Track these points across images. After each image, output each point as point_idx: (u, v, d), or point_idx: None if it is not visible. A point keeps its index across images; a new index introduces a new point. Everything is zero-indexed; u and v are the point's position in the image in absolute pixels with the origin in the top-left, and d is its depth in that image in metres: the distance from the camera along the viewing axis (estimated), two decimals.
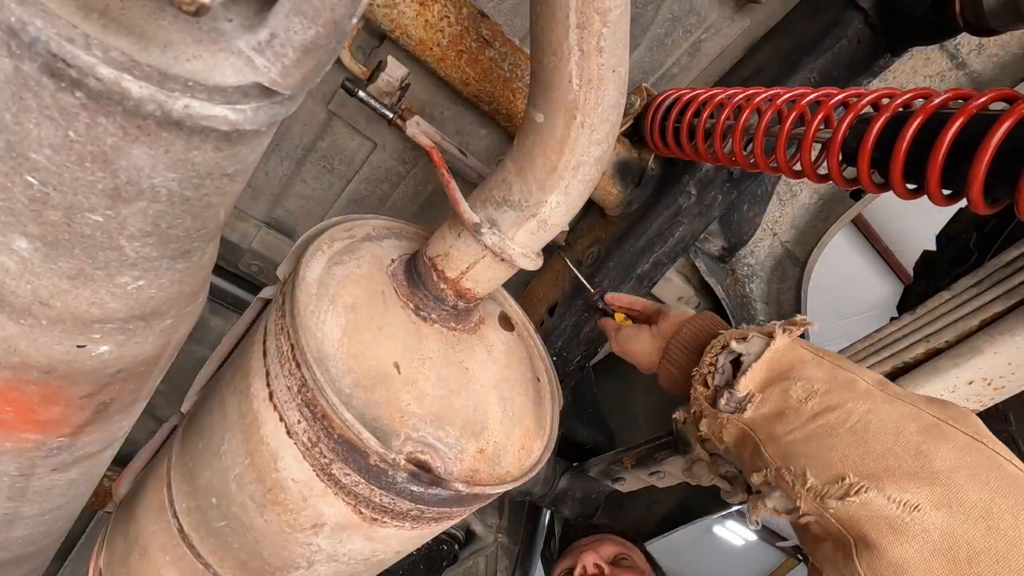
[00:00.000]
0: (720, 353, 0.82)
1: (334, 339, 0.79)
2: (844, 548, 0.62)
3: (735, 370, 0.79)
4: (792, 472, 0.67)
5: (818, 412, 0.69)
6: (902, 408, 0.67)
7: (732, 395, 0.77)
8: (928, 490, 0.58)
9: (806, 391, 0.71)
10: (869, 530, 0.60)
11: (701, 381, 0.83)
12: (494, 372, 0.92)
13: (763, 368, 0.76)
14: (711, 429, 0.82)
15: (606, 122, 0.73)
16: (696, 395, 0.84)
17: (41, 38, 0.34)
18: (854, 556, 0.60)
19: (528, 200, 0.78)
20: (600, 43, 0.65)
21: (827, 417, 0.68)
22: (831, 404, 0.69)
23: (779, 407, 0.72)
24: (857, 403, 0.68)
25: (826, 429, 0.67)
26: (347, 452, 0.73)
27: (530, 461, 0.91)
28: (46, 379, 0.57)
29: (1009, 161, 0.63)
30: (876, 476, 0.61)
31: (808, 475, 0.66)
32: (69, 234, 0.45)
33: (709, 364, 0.83)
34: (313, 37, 0.40)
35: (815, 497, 0.65)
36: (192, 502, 0.92)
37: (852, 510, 0.61)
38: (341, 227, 0.93)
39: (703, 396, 0.82)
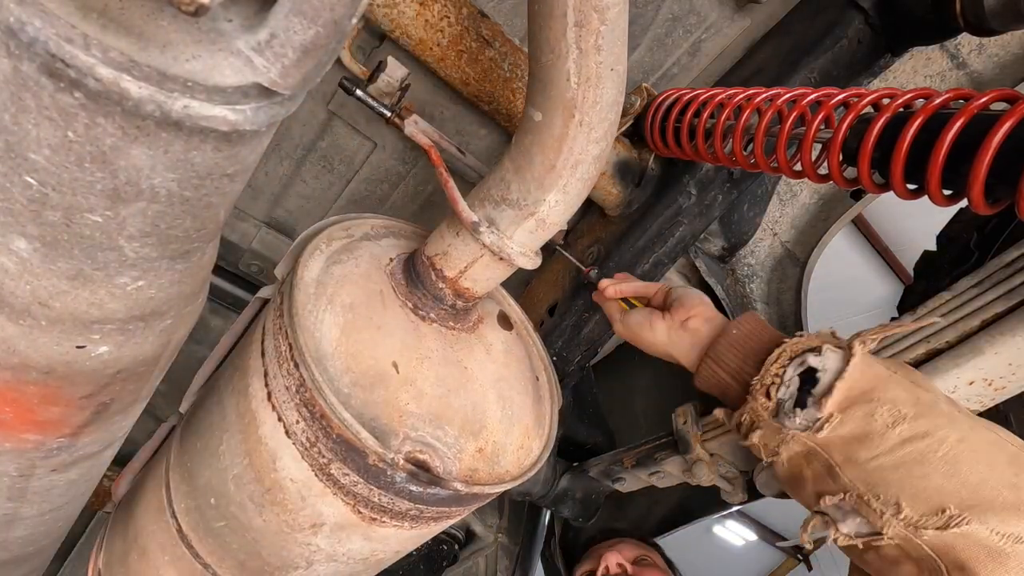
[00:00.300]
0: (788, 364, 0.78)
1: (332, 338, 0.79)
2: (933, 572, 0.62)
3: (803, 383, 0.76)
4: (881, 500, 0.66)
5: (907, 439, 0.67)
6: (987, 435, 0.67)
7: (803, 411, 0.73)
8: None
9: (892, 416, 0.68)
10: (968, 558, 0.60)
11: (763, 392, 0.79)
12: (493, 371, 0.92)
13: (844, 389, 0.72)
14: (766, 441, 0.79)
15: (604, 120, 0.73)
16: (756, 406, 0.79)
17: (40, 38, 0.34)
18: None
19: (526, 199, 0.78)
20: (598, 41, 0.65)
21: (917, 445, 0.66)
22: (920, 431, 0.67)
23: (862, 430, 0.69)
24: (947, 431, 0.66)
25: (917, 457, 0.66)
26: (346, 452, 0.73)
27: (529, 460, 0.91)
28: (45, 380, 0.57)
29: (1010, 161, 0.63)
30: (977, 508, 0.61)
31: (903, 504, 0.65)
32: (68, 235, 0.45)
33: (775, 375, 0.78)
34: (313, 37, 0.40)
35: (908, 526, 0.64)
36: (191, 502, 0.92)
37: (950, 539, 0.61)
38: (339, 226, 0.93)
39: (763, 408, 0.78)
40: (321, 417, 0.73)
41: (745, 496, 1.16)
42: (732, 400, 0.86)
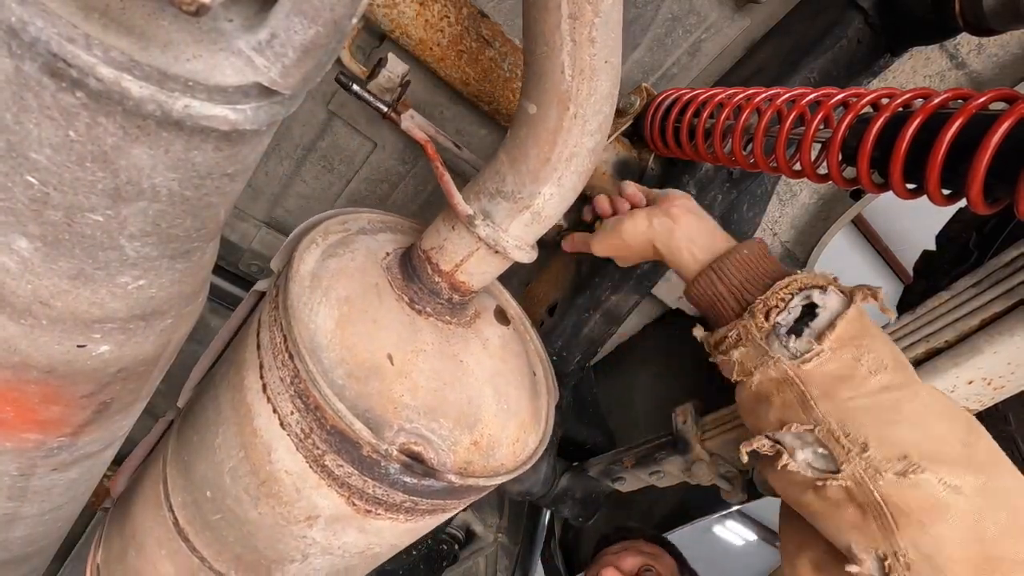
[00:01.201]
0: (797, 294, 0.79)
1: (327, 331, 0.79)
2: (881, 520, 0.65)
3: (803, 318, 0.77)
4: (850, 437, 0.69)
5: (885, 386, 0.70)
6: (949, 400, 0.72)
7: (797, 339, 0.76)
8: (972, 477, 0.64)
9: (876, 364, 0.72)
10: (915, 507, 0.64)
11: (763, 311, 0.79)
12: (489, 366, 0.92)
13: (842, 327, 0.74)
14: (744, 360, 0.80)
15: (599, 113, 0.73)
16: (750, 324, 0.80)
17: (42, 38, 0.34)
18: (895, 529, 0.64)
19: (522, 192, 0.78)
20: (592, 33, 0.65)
21: (893, 393, 0.70)
22: (898, 382, 0.71)
23: (846, 371, 0.72)
24: (921, 386, 0.71)
25: (892, 405, 0.69)
26: (340, 443, 0.73)
27: (525, 454, 0.91)
28: (46, 379, 0.57)
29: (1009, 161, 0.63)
30: (935, 459, 0.65)
31: (870, 445, 0.67)
32: (69, 234, 0.45)
33: (780, 299, 0.79)
34: (313, 37, 0.40)
35: (868, 467, 0.67)
36: (187, 496, 0.92)
37: (903, 487, 0.65)
38: (336, 220, 0.93)
39: (758, 327, 0.79)
40: (315, 408, 0.73)
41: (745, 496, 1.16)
42: (719, 316, 0.86)
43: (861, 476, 0.67)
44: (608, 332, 1.37)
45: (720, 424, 1.14)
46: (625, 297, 1.31)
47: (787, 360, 0.76)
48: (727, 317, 0.85)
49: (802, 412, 0.73)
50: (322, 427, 0.73)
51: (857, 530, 0.68)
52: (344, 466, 0.75)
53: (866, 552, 0.66)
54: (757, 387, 0.79)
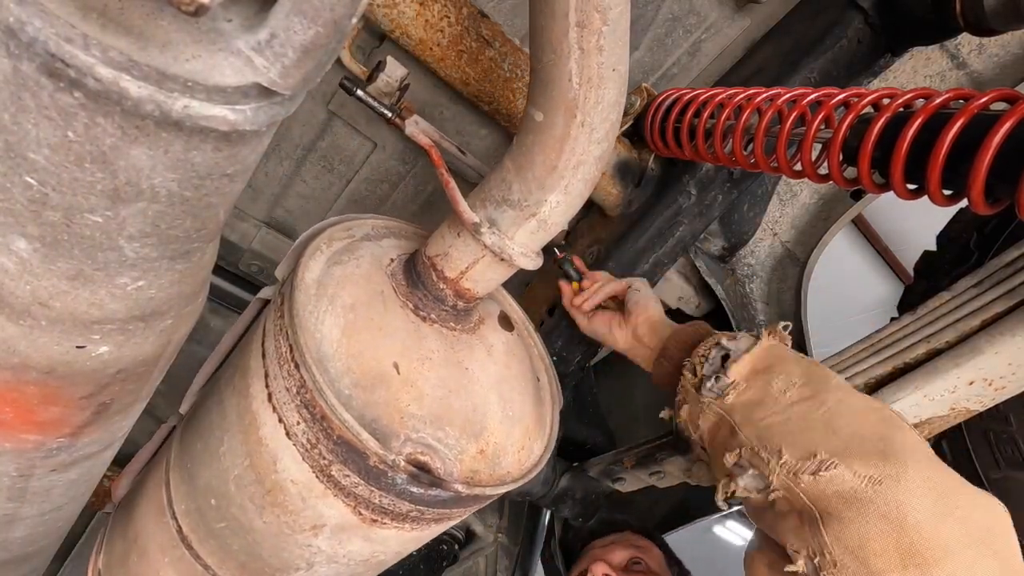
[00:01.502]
0: (713, 348, 0.90)
1: (333, 339, 0.79)
2: (811, 521, 0.68)
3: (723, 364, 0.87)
4: (768, 450, 0.74)
5: (795, 401, 0.77)
6: (868, 400, 0.76)
7: (718, 381, 0.85)
8: (889, 466, 0.65)
9: (785, 384, 0.79)
10: (836, 503, 0.66)
11: (691, 369, 0.91)
12: (494, 372, 0.92)
13: (750, 361, 0.84)
14: (691, 415, 0.90)
15: (606, 121, 0.73)
16: (684, 383, 0.91)
17: (40, 38, 0.34)
18: (821, 527, 0.66)
19: (528, 199, 0.78)
20: (600, 41, 0.65)
21: (803, 405, 0.76)
22: (807, 394, 0.77)
23: (760, 396, 0.80)
24: (829, 393, 0.76)
25: (801, 414, 0.75)
26: (346, 453, 0.73)
27: (530, 461, 0.91)
28: (45, 380, 0.57)
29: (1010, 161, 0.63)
30: (845, 453, 0.68)
31: (783, 452, 0.72)
32: (68, 235, 0.45)
33: (701, 356, 0.90)
34: (313, 37, 0.40)
35: (788, 472, 0.71)
36: (191, 503, 0.92)
37: (822, 485, 0.67)
38: (340, 227, 0.93)
39: (690, 383, 0.90)
40: (322, 418, 0.73)
41: None
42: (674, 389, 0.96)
43: (784, 482, 0.71)
44: None
45: None
46: None
47: (714, 400, 0.85)
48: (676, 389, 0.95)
49: (732, 441, 0.81)
50: (329, 437, 0.73)
51: (794, 533, 0.70)
52: (351, 476, 0.74)
53: (798, 552, 0.69)
54: (707, 437, 0.87)
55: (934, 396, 0.96)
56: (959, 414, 0.98)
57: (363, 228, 0.96)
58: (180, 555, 0.95)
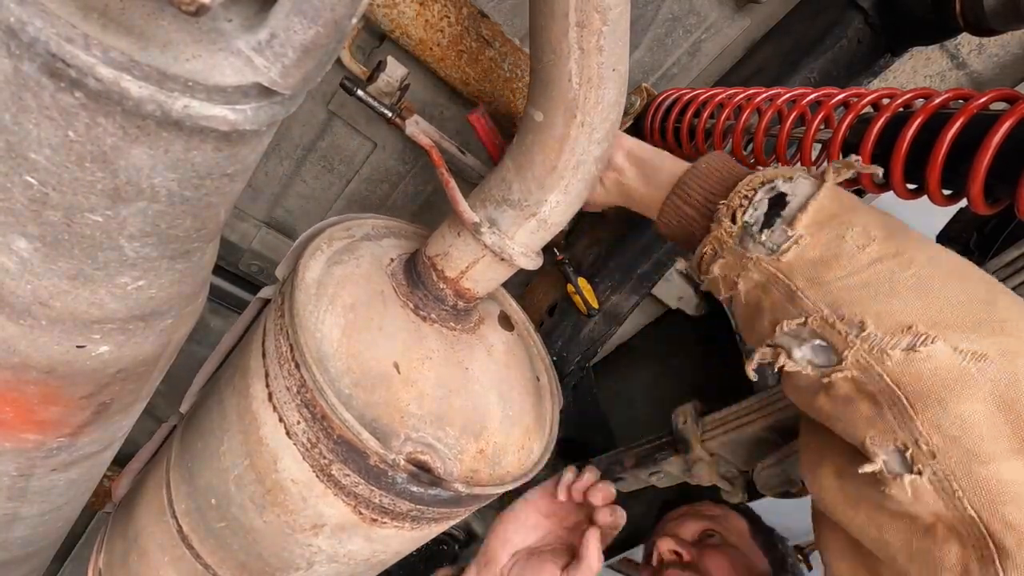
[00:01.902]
0: (758, 188, 0.72)
1: (333, 339, 0.79)
2: (896, 407, 0.56)
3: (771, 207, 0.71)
4: (846, 320, 0.60)
5: (876, 259, 0.62)
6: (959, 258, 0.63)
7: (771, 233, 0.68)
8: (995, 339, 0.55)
9: (863, 237, 0.63)
10: (932, 384, 0.55)
11: (729, 215, 0.72)
12: (494, 372, 0.92)
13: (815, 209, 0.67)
14: (726, 272, 0.73)
15: (606, 121, 0.73)
16: (720, 232, 0.73)
17: (40, 38, 0.34)
18: (912, 413, 0.55)
19: (528, 199, 0.78)
20: (600, 42, 0.65)
21: (887, 264, 0.61)
22: (891, 251, 0.62)
23: (831, 251, 0.64)
24: (917, 249, 0.62)
25: (887, 276, 0.60)
26: (347, 453, 0.73)
27: (530, 461, 0.91)
28: (46, 379, 0.57)
29: (1009, 161, 0.63)
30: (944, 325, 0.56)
31: (867, 322, 0.59)
32: (69, 234, 0.45)
33: (743, 197, 0.72)
34: (313, 37, 0.40)
35: (872, 348, 0.58)
36: (191, 503, 0.92)
37: (915, 364, 0.56)
38: (340, 227, 0.93)
39: (728, 233, 0.72)
40: (322, 418, 0.73)
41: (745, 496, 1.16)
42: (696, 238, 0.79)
43: (866, 360, 0.58)
44: (608, 332, 1.37)
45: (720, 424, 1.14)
46: (625, 297, 1.31)
47: (766, 257, 0.68)
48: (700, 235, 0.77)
49: (791, 307, 0.65)
50: (329, 437, 0.73)
51: (871, 424, 0.58)
52: (351, 476, 0.74)
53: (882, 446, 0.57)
54: (746, 298, 0.71)
55: None
56: None
57: (363, 228, 0.96)
58: (180, 554, 0.95)
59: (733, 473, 1.15)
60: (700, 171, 0.79)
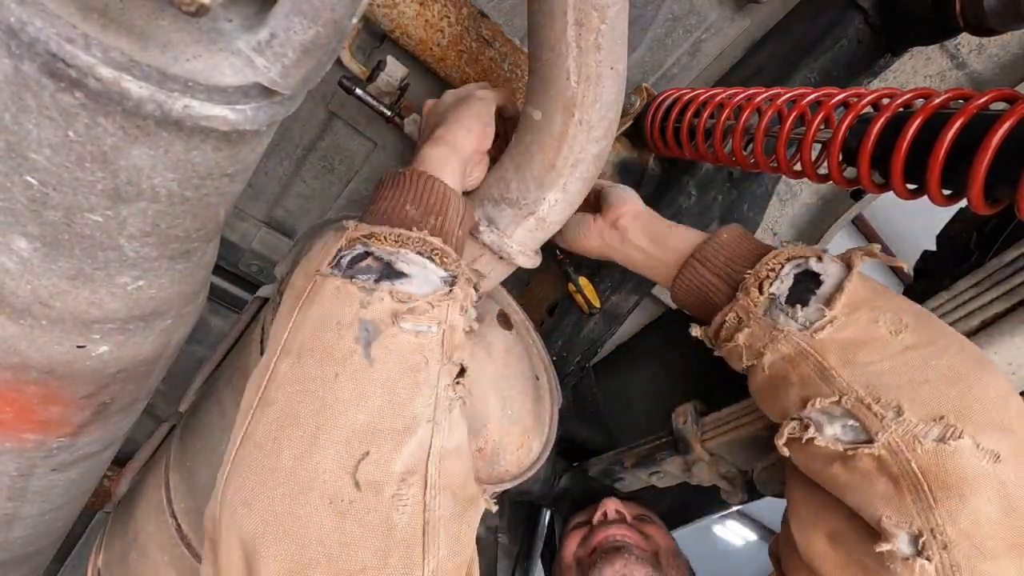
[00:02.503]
0: (785, 263, 0.75)
1: None
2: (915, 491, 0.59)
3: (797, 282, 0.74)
4: (882, 403, 0.63)
5: (909, 346, 0.65)
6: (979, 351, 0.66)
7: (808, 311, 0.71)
8: (1009, 439, 0.58)
9: (895, 323, 0.67)
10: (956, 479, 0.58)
11: (756, 284, 0.75)
12: (493, 371, 0.92)
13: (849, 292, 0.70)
14: (752, 341, 0.75)
15: (604, 119, 0.73)
16: (747, 301, 0.75)
17: (41, 38, 0.34)
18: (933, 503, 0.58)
19: (526, 198, 0.78)
20: (598, 40, 0.65)
21: (920, 351, 0.64)
22: (924, 339, 0.65)
23: (865, 335, 0.67)
24: (949, 340, 0.65)
25: (920, 364, 0.64)
26: None
27: (529, 460, 0.91)
28: (46, 379, 0.57)
29: (1009, 161, 0.63)
30: (971, 419, 0.59)
31: (904, 407, 0.61)
32: (69, 234, 0.45)
33: (770, 269, 0.75)
34: (313, 37, 0.40)
35: (905, 434, 0.61)
36: (191, 502, 0.92)
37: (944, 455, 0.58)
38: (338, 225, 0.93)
39: (755, 302, 0.74)
40: None
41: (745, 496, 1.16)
42: (711, 306, 0.82)
43: (897, 444, 0.61)
44: (608, 332, 1.37)
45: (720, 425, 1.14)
46: (625, 297, 1.31)
47: (797, 332, 0.70)
48: (720, 303, 0.80)
49: (824, 384, 0.67)
50: None
51: (890, 504, 0.61)
52: None
53: (899, 528, 0.59)
54: (770, 368, 0.73)
55: None
56: None
57: None
58: (180, 554, 0.95)
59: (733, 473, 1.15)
60: (722, 240, 0.83)
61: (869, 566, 0.62)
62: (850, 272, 0.71)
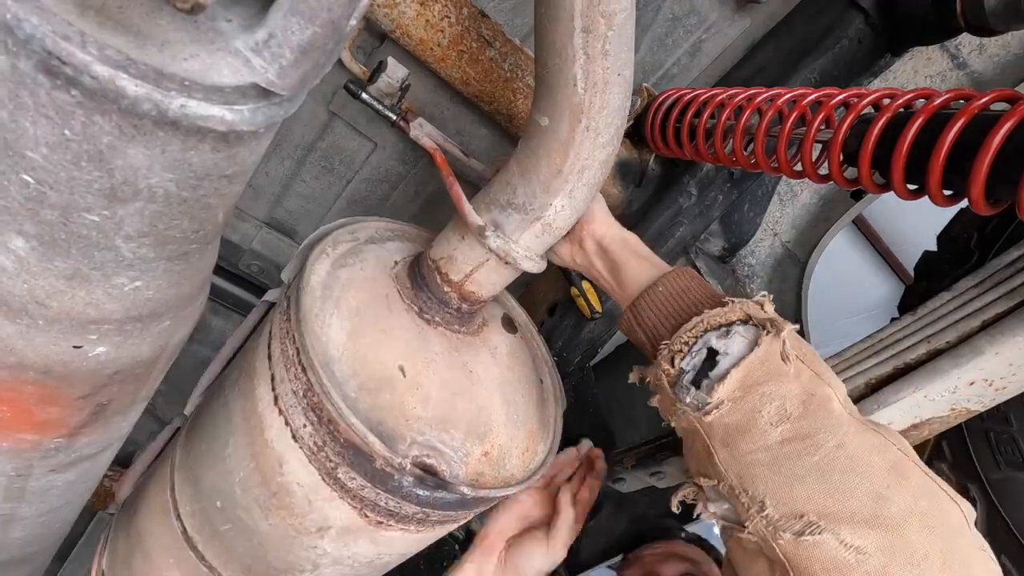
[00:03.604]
0: (700, 338, 0.74)
1: (339, 342, 0.78)
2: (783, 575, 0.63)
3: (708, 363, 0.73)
4: (749, 495, 0.66)
5: (787, 439, 0.66)
6: (872, 439, 0.66)
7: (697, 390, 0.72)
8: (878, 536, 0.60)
9: (779, 414, 0.67)
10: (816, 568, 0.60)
11: (668, 359, 0.75)
12: (498, 374, 0.92)
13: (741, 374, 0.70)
14: (662, 407, 0.79)
15: (611, 126, 0.73)
16: (658, 372, 0.77)
17: (36, 35, 0.34)
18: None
19: (532, 203, 0.78)
20: (605, 46, 0.65)
21: (795, 446, 0.65)
22: (801, 432, 0.66)
23: (746, 422, 0.68)
24: (828, 435, 0.65)
25: (793, 457, 0.65)
26: (353, 456, 0.73)
27: (534, 463, 0.91)
28: (43, 379, 0.57)
29: (1010, 162, 0.63)
30: (835, 518, 0.61)
31: (767, 504, 0.64)
32: (66, 234, 0.45)
33: (684, 343, 0.75)
34: (311, 38, 0.40)
35: (768, 526, 0.64)
36: (196, 505, 0.92)
37: (804, 549, 0.61)
38: (345, 229, 0.93)
39: (665, 374, 0.76)
40: (328, 421, 0.72)
41: None
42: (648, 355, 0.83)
43: (763, 533, 0.65)
44: (608, 332, 1.37)
45: None
46: None
47: (691, 412, 0.72)
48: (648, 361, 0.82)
49: (709, 465, 0.71)
50: (335, 440, 0.73)
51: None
52: (357, 479, 0.74)
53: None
54: (680, 433, 0.78)
55: (934, 396, 0.96)
56: (959, 414, 0.98)
57: (367, 231, 0.96)
58: (185, 557, 0.94)
59: None
60: (656, 296, 0.81)
61: None
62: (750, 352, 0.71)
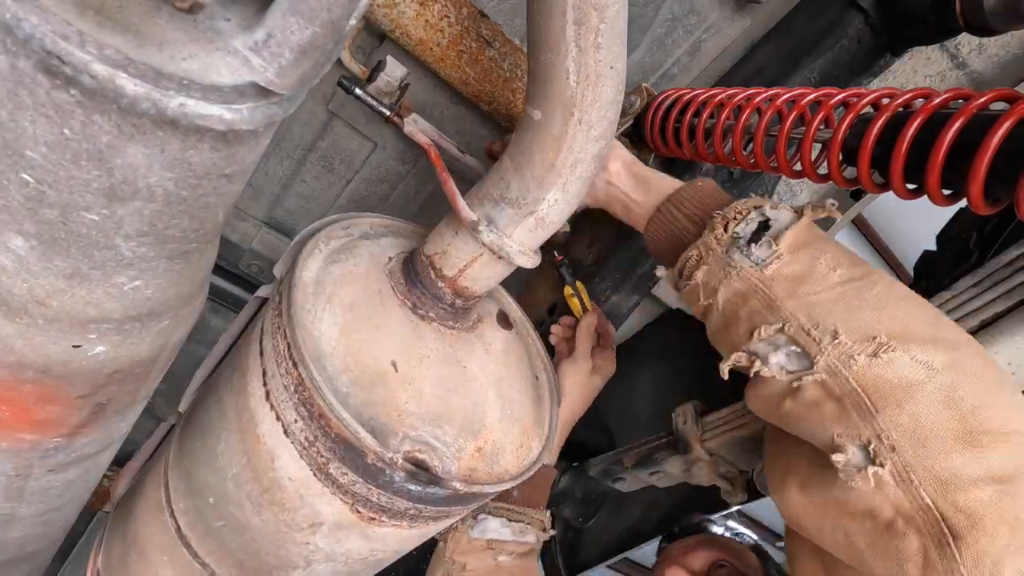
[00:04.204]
0: (753, 209, 0.82)
1: (331, 338, 0.78)
2: (860, 408, 0.65)
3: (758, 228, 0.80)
4: (820, 328, 0.69)
5: (845, 280, 0.72)
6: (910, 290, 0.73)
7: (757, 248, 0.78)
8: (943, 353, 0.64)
9: (834, 261, 0.74)
10: (891, 388, 0.63)
11: (723, 224, 0.82)
12: (492, 371, 0.92)
13: (794, 234, 0.77)
14: (708, 279, 0.82)
15: (604, 119, 0.73)
16: (711, 238, 0.82)
17: (36, 35, 0.34)
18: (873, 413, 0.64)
19: (526, 198, 0.78)
20: (598, 39, 0.65)
21: (854, 284, 0.71)
22: (857, 274, 0.73)
23: (806, 270, 0.75)
24: (880, 275, 0.72)
25: (854, 294, 0.71)
26: (344, 451, 0.73)
27: (528, 460, 0.91)
28: (42, 379, 0.57)
29: (1009, 161, 0.63)
30: (904, 337, 0.65)
31: (839, 331, 0.68)
32: (65, 233, 0.45)
33: (738, 211, 0.82)
34: (310, 37, 0.40)
35: (841, 355, 0.67)
36: (189, 502, 0.92)
37: (878, 369, 0.64)
38: (338, 225, 0.93)
39: (718, 240, 0.81)
40: (319, 416, 0.72)
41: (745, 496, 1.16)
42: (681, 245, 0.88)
43: (835, 365, 0.67)
44: None
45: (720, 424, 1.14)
46: (625, 297, 1.31)
47: (749, 268, 0.77)
48: (688, 243, 0.86)
49: (769, 315, 0.74)
50: (327, 435, 0.73)
51: (838, 423, 0.67)
52: (348, 474, 0.74)
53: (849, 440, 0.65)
54: (724, 306, 0.80)
55: None
56: None
57: (361, 226, 0.96)
58: (179, 554, 0.94)
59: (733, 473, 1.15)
60: (696, 187, 0.89)
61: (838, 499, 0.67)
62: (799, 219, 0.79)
